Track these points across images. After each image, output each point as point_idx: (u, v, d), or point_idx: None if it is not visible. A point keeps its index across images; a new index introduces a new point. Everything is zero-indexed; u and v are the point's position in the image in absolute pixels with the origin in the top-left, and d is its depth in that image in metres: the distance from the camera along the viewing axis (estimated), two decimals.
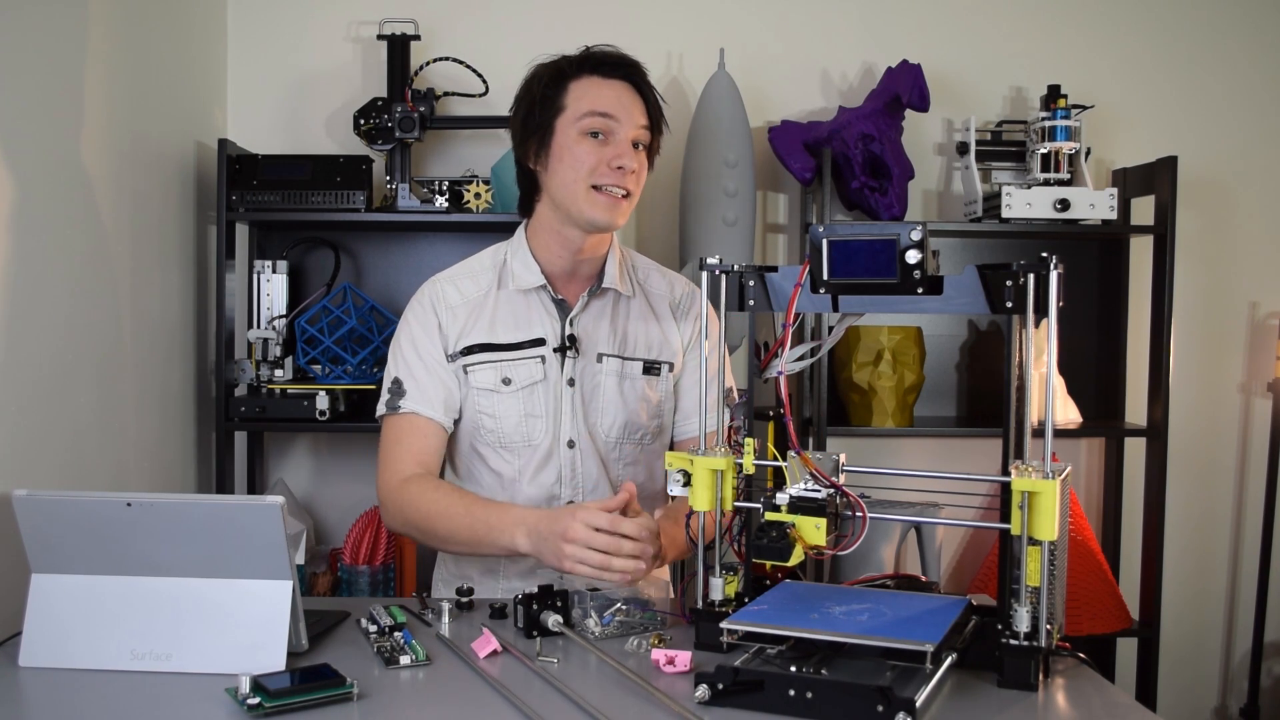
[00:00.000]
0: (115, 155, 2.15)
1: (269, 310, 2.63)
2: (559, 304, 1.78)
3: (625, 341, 1.79)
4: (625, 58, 1.72)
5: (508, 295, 1.77)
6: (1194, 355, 2.92)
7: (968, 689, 1.25)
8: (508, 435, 1.76)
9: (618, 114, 1.68)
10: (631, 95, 1.70)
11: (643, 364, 1.79)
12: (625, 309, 1.81)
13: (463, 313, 1.77)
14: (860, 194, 2.65)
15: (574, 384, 1.76)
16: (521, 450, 1.76)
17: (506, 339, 1.75)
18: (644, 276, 1.86)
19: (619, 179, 1.67)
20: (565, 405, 1.76)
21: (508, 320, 1.76)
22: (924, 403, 2.85)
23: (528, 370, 1.75)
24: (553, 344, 1.75)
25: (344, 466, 2.86)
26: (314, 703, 1.20)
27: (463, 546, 1.65)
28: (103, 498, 1.32)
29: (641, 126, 1.70)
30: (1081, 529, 2.70)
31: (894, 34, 2.86)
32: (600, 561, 1.45)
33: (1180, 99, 2.91)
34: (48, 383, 1.86)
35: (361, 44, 2.82)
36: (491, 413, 1.75)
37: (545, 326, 1.76)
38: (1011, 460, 1.27)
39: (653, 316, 1.82)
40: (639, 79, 1.72)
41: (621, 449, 1.79)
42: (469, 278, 1.80)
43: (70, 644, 1.33)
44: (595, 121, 1.67)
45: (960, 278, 1.30)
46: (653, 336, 1.81)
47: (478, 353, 1.75)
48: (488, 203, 2.57)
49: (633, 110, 1.69)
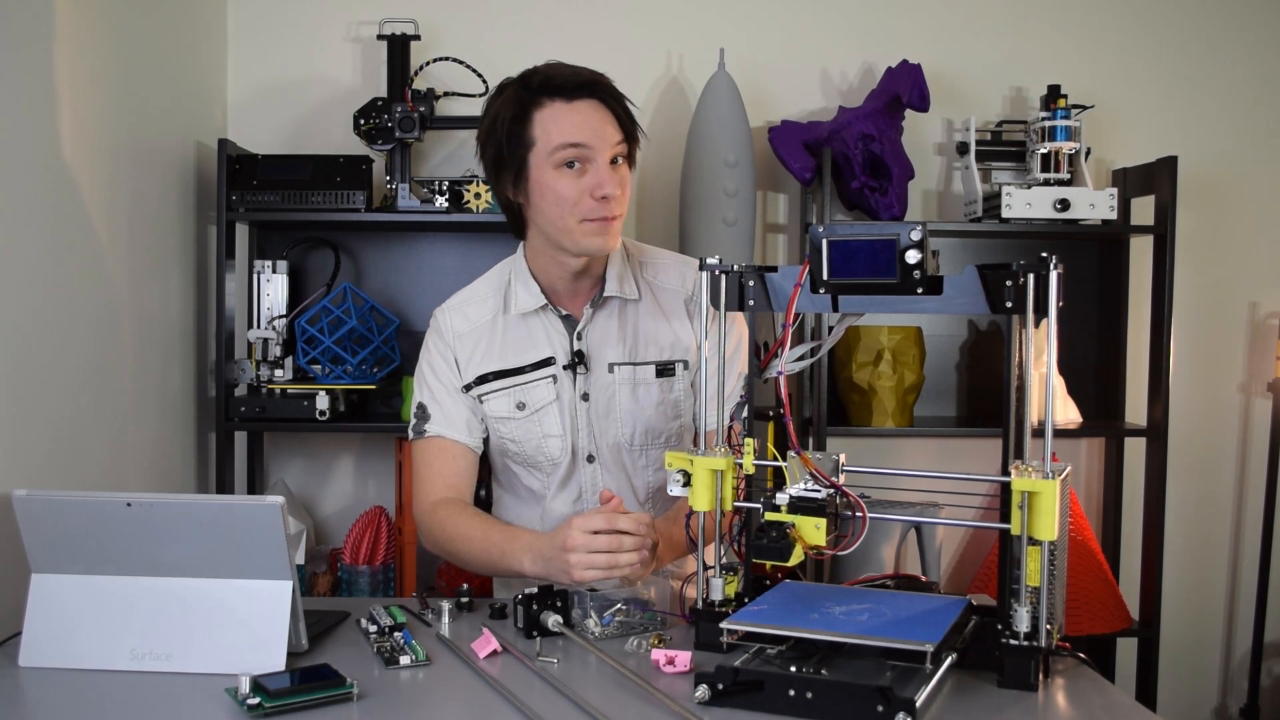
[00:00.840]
0: (115, 155, 2.15)
1: (269, 310, 2.63)
2: (566, 320, 1.77)
3: (635, 347, 1.77)
4: (585, 75, 1.65)
5: (513, 319, 1.77)
6: (1194, 355, 2.92)
7: (968, 689, 1.25)
8: (530, 456, 1.77)
9: (590, 141, 1.61)
10: (600, 114, 1.63)
11: (655, 367, 1.77)
12: (634, 313, 1.78)
13: (470, 340, 1.78)
14: (860, 194, 2.65)
15: (588, 398, 1.75)
16: (547, 468, 1.78)
17: (516, 363, 1.76)
18: (654, 274, 1.82)
19: (605, 208, 1.63)
20: (581, 420, 1.76)
21: (516, 343, 1.77)
22: (924, 403, 2.85)
23: (540, 392, 1.75)
24: (562, 361, 1.75)
25: (344, 466, 2.86)
26: (314, 703, 1.20)
27: (483, 569, 1.69)
28: (103, 498, 1.32)
29: (616, 143, 1.64)
30: (1081, 529, 2.70)
31: (894, 34, 2.86)
32: (607, 561, 1.46)
33: (1180, 99, 2.91)
34: (48, 383, 1.86)
35: (361, 44, 2.82)
36: (512, 437, 1.77)
37: (554, 345, 1.76)
38: (1011, 460, 1.27)
39: (662, 316, 1.78)
40: (604, 94, 1.65)
41: (646, 455, 1.78)
42: (475, 303, 1.81)
43: (70, 644, 1.33)
44: (569, 153, 1.61)
45: (960, 278, 1.30)
46: (664, 337, 1.78)
47: (490, 380, 1.76)
48: (488, 203, 2.57)
49: (604, 131, 1.63)
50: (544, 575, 1.54)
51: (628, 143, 1.67)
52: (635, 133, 1.69)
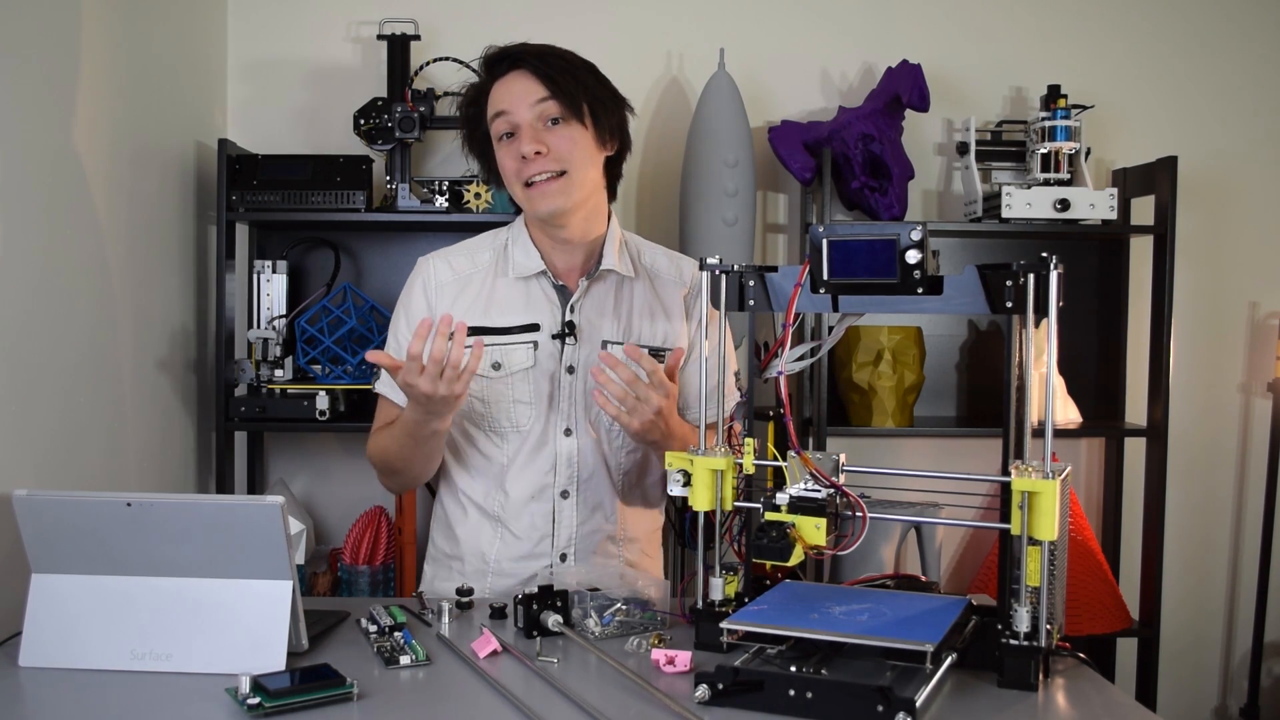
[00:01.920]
0: (115, 155, 2.15)
1: (269, 310, 2.63)
2: (560, 290, 1.77)
3: (630, 329, 1.77)
4: (509, 49, 1.71)
5: (509, 281, 1.77)
6: (1194, 355, 2.92)
7: (968, 689, 1.25)
8: (496, 420, 1.76)
9: (509, 106, 1.67)
10: (524, 80, 1.67)
11: (647, 350, 1.76)
12: (629, 294, 1.79)
13: (451, 290, 1.77)
14: (860, 194, 2.65)
15: (574, 371, 1.75)
16: (510, 436, 1.76)
17: (500, 323, 1.75)
18: (650, 260, 1.84)
19: (528, 168, 1.66)
20: (563, 392, 1.75)
21: (503, 304, 1.76)
22: (924, 403, 2.85)
23: (519, 356, 1.74)
24: (550, 330, 1.75)
25: (344, 466, 2.86)
26: (314, 703, 1.20)
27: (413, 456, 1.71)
28: (103, 498, 1.32)
29: (537, 102, 1.66)
30: (1081, 529, 2.70)
31: (894, 34, 2.86)
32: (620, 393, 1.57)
33: (1180, 99, 2.91)
34: (48, 383, 1.86)
35: (361, 44, 2.82)
36: (481, 397, 1.75)
37: (544, 313, 1.75)
38: (1011, 460, 1.27)
39: (658, 302, 1.79)
40: (530, 62, 1.67)
41: (624, 438, 1.77)
42: (465, 255, 1.81)
43: (70, 644, 1.33)
44: (500, 124, 1.69)
45: (960, 278, 1.30)
46: (658, 324, 1.79)
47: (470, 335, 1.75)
48: (488, 203, 2.57)
49: (524, 94, 1.66)
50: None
51: (559, 99, 1.66)
52: (569, 88, 1.66)
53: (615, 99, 1.74)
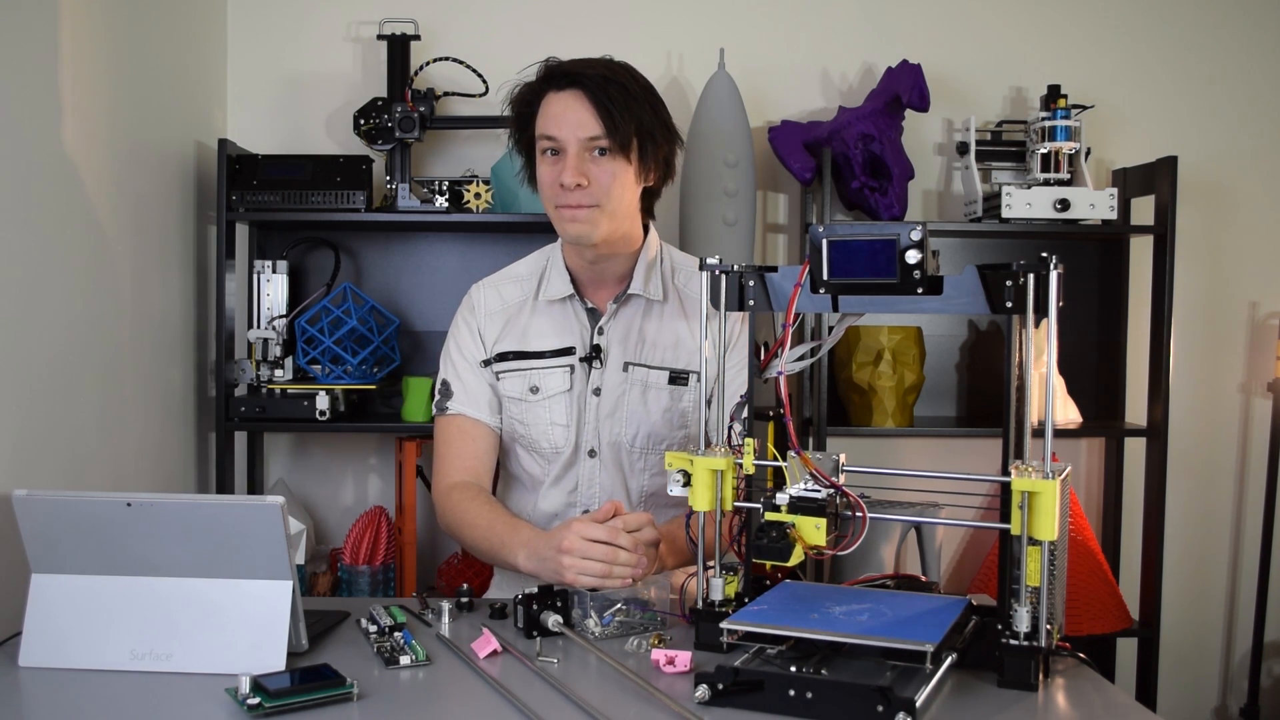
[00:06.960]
0: (115, 156, 2.15)
1: (269, 310, 2.63)
2: (590, 312, 1.78)
3: (654, 350, 1.77)
4: (574, 66, 1.66)
5: (544, 305, 1.79)
6: (1194, 355, 2.92)
7: (968, 689, 1.25)
8: (535, 441, 1.79)
9: (559, 130, 1.64)
10: (579, 104, 1.63)
11: (669, 373, 1.76)
12: (658, 315, 1.78)
13: (500, 318, 1.81)
14: (860, 194, 2.65)
15: (599, 393, 1.76)
16: (549, 456, 1.79)
17: (538, 347, 1.78)
18: (684, 280, 1.82)
19: (567, 197, 1.65)
20: (589, 414, 1.76)
21: (542, 329, 1.78)
22: (924, 403, 2.85)
23: (555, 380, 1.77)
24: (580, 353, 1.77)
25: (344, 466, 2.86)
26: (314, 703, 1.20)
27: (485, 557, 1.71)
28: (103, 498, 1.32)
29: (590, 137, 1.63)
30: (1081, 529, 2.70)
31: (894, 34, 2.86)
32: (602, 570, 1.46)
33: (1180, 99, 2.91)
34: (48, 383, 1.86)
35: (361, 44, 2.82)
36: (521, 419, 1.78)
37: (575, 335, 1.78)
38: (1011, 460, 1.27)
39: (685, 324, 1.78)
40: (590, 86, 1.63)
41: (646, 459, 1.78)
42: (513, 283, 1.84)
43: (70, 644, 1.33)
44: (545, 142, 1.67)
45: (960, 278, 1.30)
46: (682, 345, 1.78)
47: (509, 360, 1.78)
48: (488, 203, 2.57)
49: (576, 121, 1.63)
50: (537, 573, 1.54)
51: (611, 136, 1.63)
52: (622, 124, 1.63)
53: (667, 133, 1.71)
